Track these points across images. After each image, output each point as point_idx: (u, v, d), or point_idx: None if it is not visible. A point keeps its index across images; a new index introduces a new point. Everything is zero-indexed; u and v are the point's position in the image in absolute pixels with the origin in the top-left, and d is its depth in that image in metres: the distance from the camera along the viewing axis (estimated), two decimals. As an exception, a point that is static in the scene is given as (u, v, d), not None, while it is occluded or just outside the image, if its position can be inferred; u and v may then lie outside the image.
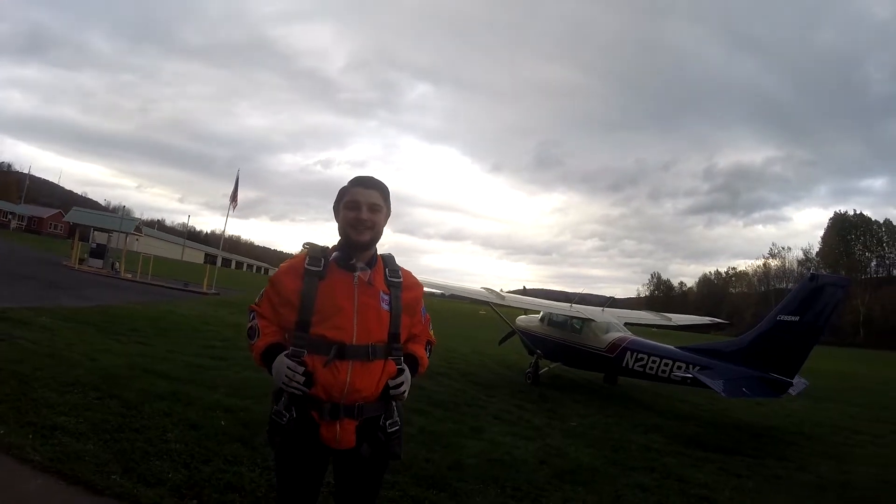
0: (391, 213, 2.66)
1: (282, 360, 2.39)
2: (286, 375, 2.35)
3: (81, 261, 30.03)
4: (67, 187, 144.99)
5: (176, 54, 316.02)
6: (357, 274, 2.49)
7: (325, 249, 2.55)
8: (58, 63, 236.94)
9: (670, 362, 10.15)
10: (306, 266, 2.47)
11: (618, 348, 11.25)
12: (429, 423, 7.04)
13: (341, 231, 2.55)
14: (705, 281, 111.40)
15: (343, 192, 2.58)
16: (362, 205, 2.49)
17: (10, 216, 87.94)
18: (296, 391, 2.36)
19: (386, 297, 2.51)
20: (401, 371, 2.51)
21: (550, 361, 12.92)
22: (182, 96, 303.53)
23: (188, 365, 8.55)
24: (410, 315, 2.62)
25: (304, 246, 2.59)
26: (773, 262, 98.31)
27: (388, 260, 2.63)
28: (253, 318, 2.61)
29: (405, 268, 2.68)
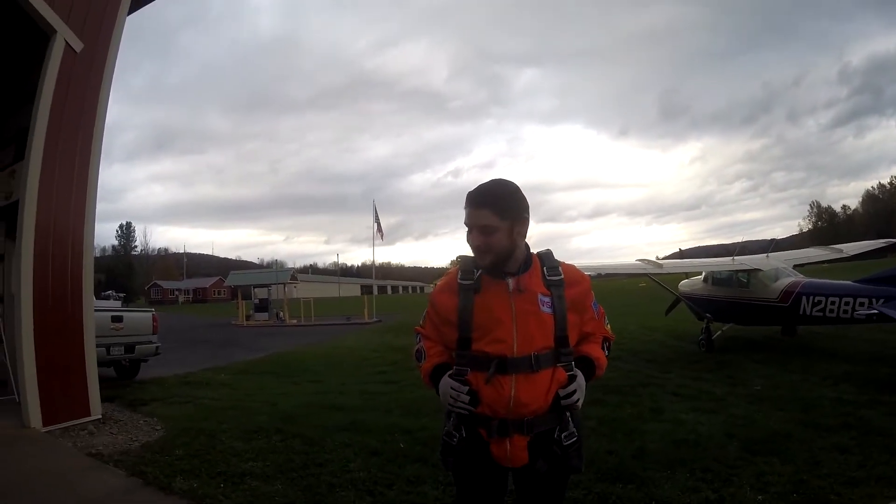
0: (525, 215, 2.36)
1: (446, 381, 2.30)
2: (451, 396, 2.27)
3: (248, 317, 32.32)
4: (222, 255, 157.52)
5: (288, 112, 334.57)
6: (511, 280, 2.31)
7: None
8: (186, 151, 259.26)
9: (851, 300, 9.29)
10: (459, 281, 2.35)
11: (791, 295, 10.43)
12: (606, 412, 6.84)
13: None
14: (870, 198, 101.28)
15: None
16: (472, 228, 2.30)
17: (176, 292, 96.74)
18: (461, 411, 2.28)
19: (546, 300, 2.31)
20: (572, 378, 2.30)
21: (722, 323, 12.26)
22: (304, 147, 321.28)
23: (362, 393, 8.88)
24: (579, 312, 2.40)
25: (456, 259, 2.51)
26: None
27: (546, 258, 2.42)
28: (420, 341, 2.53)
29: (564, 261, 2.46)
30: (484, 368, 2.24)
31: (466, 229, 2.33)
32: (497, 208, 2.28)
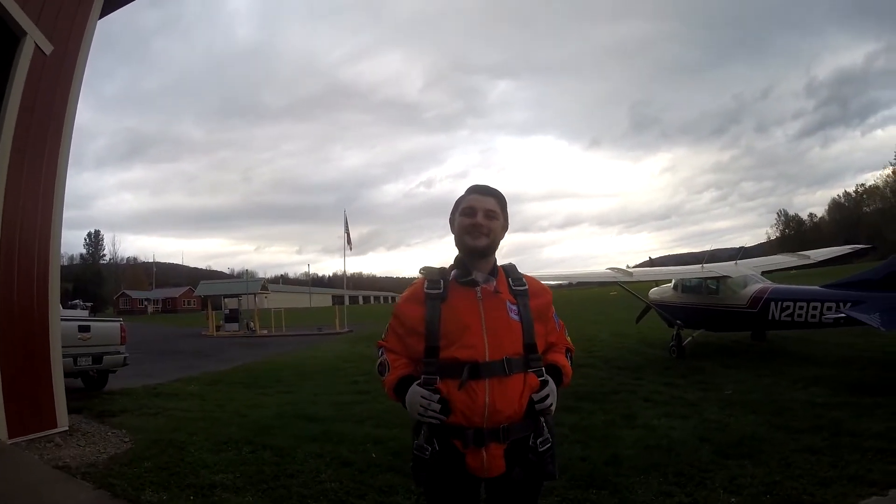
0: (508, 226, 2.50)
1: (415, 391, 2.25)
2: (421, 405, 2.21)
3: (218, 328, 31.98)
4: (192, 265, 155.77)
5: (263, 120, 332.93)
6: (479, 287, 2.32)
7: (442, 270, 2.42)
8: (158, 159, 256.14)
9: (819, 304, 9.47)
10: (426, 290, 2.34)
11: (760, 301, 10.62)
12: (579, 418, 6.86)
13: (458, 240, 2.42)
14: (836, 206, 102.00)
15: (459, 200, 2.48)
16: (478, 210, 2.37)
17: (145, 302, 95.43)
18: (433, 420, 2.21)
19: (514, 307, 2.32)
20: (544, 383, 2.29)
21: (692, 330, 12.41)
22: (278, 156, 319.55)
23: (334, 404, 8.79)
24: (543, 322, 2.41)
25: (420, 271, 2.47)
26: None
27: (510, 269, 2.46)
28: (382, 354, 2.50)
29: (526, 272, 2.51)
30: (455, 375, 2.20)
31: (461, 218, 2.40)
32: (500, 202, 2.45)
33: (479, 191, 2.45)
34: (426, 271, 2.44)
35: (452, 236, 2.45)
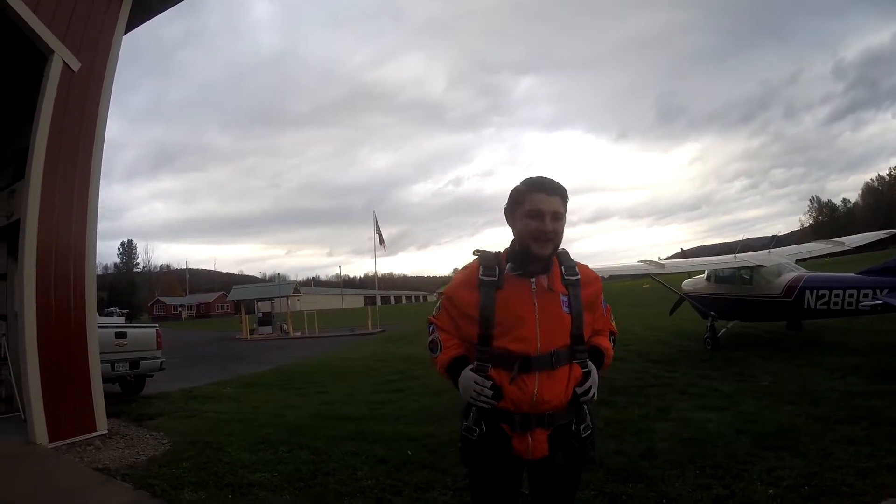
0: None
1: (468, 376, 2.31)
2: (474, 391, 2.28)
3: (252, 331, 32.41)
4: (224, 270, 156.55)
5: (288, 127, 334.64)
6: (534, 280, 2.34)
7: (497, 256, 2.42)
8: (186, 168, 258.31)
9: (855, 291, 9.30)
10: (480, 277, 2.35)
11: (795, 290, 10.46)
12: (614, 412, 6.83)
13: (519, 239, 2.37)
14: (869, 190, 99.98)
15: (519, 197, 2.37)
16: (546, 214, 2.29)
17: (179, 308, 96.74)
18: (485, 405, 2.29)
19: (565, 299, 2.35)
20: (587, 375, 2.36)
21: (727, 321, 12.27)
22: (305, 162, 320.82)
23: (368, 403, 8.88)
24: (592, 311, 2.45)
25: (473, 254, 2.47)
26: None
27: (563, 257, 2.44)
28: (433, 332, 2.53)
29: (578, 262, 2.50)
30: (506, 365, 2.27)
31: (527, 220, 2.32)
32: (564, 199, 2.37)
33: (544, 189, 2.34)
34: (481, 254, 2.45)
35: (484, 230, 2.44)
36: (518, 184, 2.42)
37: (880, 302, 8.62)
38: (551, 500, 2.47)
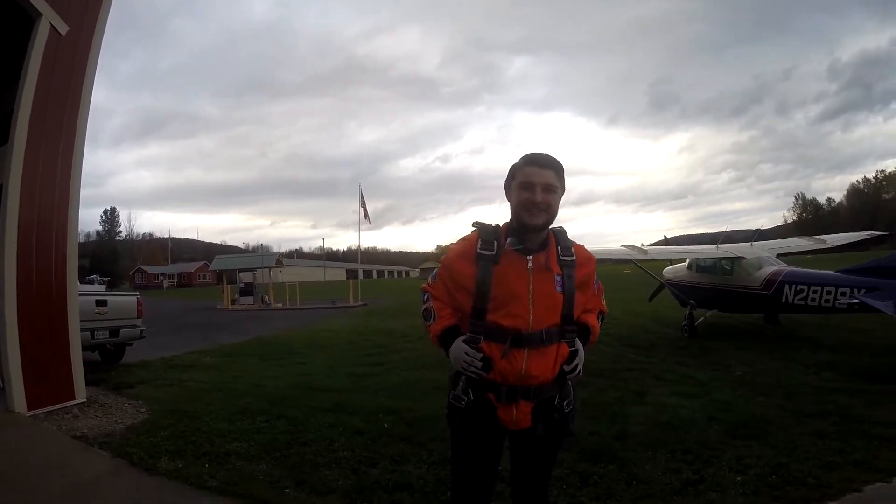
0: (564, 191, 2.51)
1: (459, 346, 2.38)
2: (465, 361, 2.36)
3: (233, 301, 32.25)
4: (207, 240, 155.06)
5: (279, 97, 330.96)
6: (531, 257, 2.38)
7: (496, 230, 2.46)
8: (174, 136, 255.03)
9: (833, 289, 9.40)
10: (479, 250, 2.39)
11: (774, 283, 10.57)
12: (591, 394, 6.91)
13: (514, 212, 2.43)
14: (854, 191, 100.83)
15: (515, 171, 2.45)
16: (536, 186, 2.35)
17: (161, 277, 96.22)
18: (474, 375, 2.37)
19: (559, 279, 2.41)
20: (574, 353, 2.44)
21: (705, 310, 12.41)
22: (294, 132, 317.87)
23: (349, 375, 8.94)
24: (584, 290, 2.52)
25: (473, 226, 2.52)
26: None
27: (560, 236, 2.51)
28: (427, 300, 2.58)
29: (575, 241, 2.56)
30: (498, 339, 2.35)
31: (519, 191, 2.39)
32: (559, 174, 2.42)
33: (536, 162, 2.41)
34: (480, 227, 2.49)
35: (468, 208, 2.48)
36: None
37: (857, 301, 8.74)
38: (530, 469, 2.58)
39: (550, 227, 2.47)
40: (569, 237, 2.52)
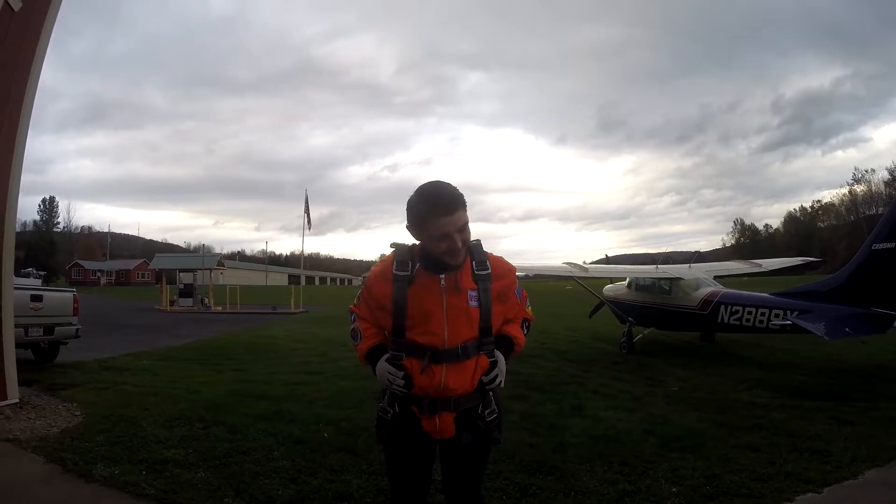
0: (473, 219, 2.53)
1: (383, 366, 2.48)
2: (388, 380, 2.44)
3: (172, 302, 31.58)
4: (147, 237, 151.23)
5: (229, 93, 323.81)
6: (443, 276, 2.43)
7: (411, 250, 2.50)
8: (119, 125, 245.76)
9: (767, 311, 9.71)
10: (394, 271, 2.45)
11: (710, 304, 10.85)
12: (529, 406, 7.04)
13: (431, 251, 2.40)
14: (791, 219, 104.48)
15: (422, 219, 2.35)
16: (453, 234, 2.32)
17: (98, 273, 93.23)
18: (397, 392, 2.46)
19: (474, 294, 2.45)
20: (493, 364, 2.50)
21: (643, 328, 12.65)
22: (243, 131, 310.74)
23: (287, 383, 8.83)
24: (503, 302, 2.56)
25: (391, 246, 2.58)
26: (859, 188, 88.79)
27: (475, 251, 2.51)
28: (354, 320, 2.67)
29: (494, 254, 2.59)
30: (417, 356, 2.42)
31: (437, 243, 2.35)
32: (464, 206, 2.37)
33: (447, 209, 2.32)
34: (397, 248, 2.53)
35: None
36: (413, 198, 2.41)
37: (790, 323, 9.03)
38: (460, 477, 2.66)
39: None
40: (483, 250, 2.54)
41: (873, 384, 8.34)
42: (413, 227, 2.44)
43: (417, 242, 2.50)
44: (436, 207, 2.32)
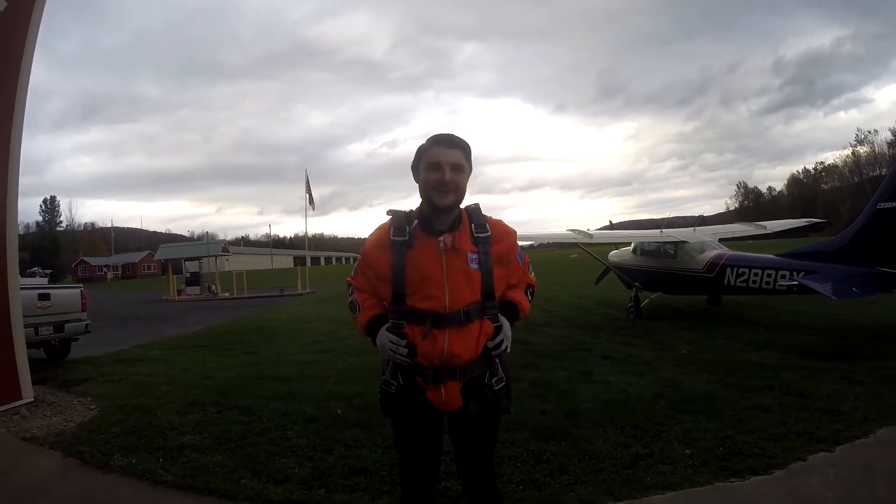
0: (472, 172, 2.52)
1: (384, 335, 2.42)
2: (389, 349, 2.39)
3: (179, 291, 31.62)
4: (151, 229, 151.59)
5: (223, 79, 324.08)
6: (442, 238, 2.39)
7: (408, 215, 2.48)
8: (115, 119, 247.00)
9: (773, 272, 9.72)
10: (391, 237, 2.42)
11: (716, 266, 10.87)
12: (539, 374, 7.08)
13: (423, 193, 2.45)
14: (794, 181, 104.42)
15: (422, 151, 2.45)
16: (444, 166, 2.36)
17: (105, 268, 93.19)
18: (401, 361, 2.40)
19: (474, 256, 2.41)
20: (498, 329, 2.45)
21: (650, 292, 12.71)
22: (239, 116, 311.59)
23: (297, 363, 8.91)
24: (505, 265, 2.51)
25: (387, 213, 2.53)
26: (862, 149, 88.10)
27: (474, 214, 2.50)
28: (352, 293, 2.62)
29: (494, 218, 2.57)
30: (419, 322, 2.37)
31: (427, 172, 2.40)
32: (465, 153, 2.43)
33: (443, 142, 2.42)
34: (393, 214, 2.50)
35: (415, 194, 2.50)
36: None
37: (797, 283, 9.03)
38: (471, 448, 2.61)
39: (463, 205, 2.50)
40: (482, 213, 2.53)
41: (881, 344, 8.33)
42: (415, 162, 2.50)
43: (413, 209, 2.51)
44: (437, 139, 2.44)
